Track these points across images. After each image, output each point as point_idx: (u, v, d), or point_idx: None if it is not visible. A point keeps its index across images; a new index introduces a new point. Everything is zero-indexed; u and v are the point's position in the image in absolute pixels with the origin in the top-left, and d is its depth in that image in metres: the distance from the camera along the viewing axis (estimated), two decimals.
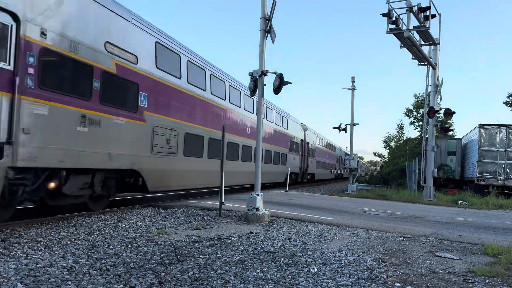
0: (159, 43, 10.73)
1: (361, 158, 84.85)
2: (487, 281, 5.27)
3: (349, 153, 27.06)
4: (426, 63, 21.14)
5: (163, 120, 10.76)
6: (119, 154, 9.12)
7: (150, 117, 10.18)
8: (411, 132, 57.31)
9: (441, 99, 22.14)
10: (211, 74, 13.62)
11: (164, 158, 10.82)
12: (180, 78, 11.70)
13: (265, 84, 10.20)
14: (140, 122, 9.81)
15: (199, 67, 12.96)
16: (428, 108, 21.11)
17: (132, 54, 9.52)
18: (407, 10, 17.66)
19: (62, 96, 7.46)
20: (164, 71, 10.86)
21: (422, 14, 18.12)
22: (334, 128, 25.35)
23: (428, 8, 18.13)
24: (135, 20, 9.80)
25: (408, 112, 34.14)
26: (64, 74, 7.59)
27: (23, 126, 6.60)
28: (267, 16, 9.94)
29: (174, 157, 11.22)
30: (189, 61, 12.33)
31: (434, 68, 21.10)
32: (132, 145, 9.57)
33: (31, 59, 6.78)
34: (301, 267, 5.57)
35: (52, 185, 7.72)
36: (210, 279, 4.78)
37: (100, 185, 9.09)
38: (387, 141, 38.88)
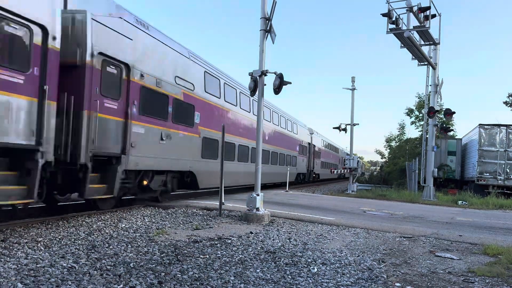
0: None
1: (361, 158, 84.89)
2: (487, 281, 5.27)
3: (349, 153, 27.06)
4: (426, 63, 21.15)
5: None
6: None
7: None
8: (413, 132, 57.37)
9: (441, 99, 22.16)
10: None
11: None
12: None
13: (265, 84, 10.21)
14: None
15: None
16: (428, 108, 21.12)
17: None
18: (407, 10, 17.67)
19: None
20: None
21: (422, 14, 18.13)
22: (334, 128, 25.38)
23: (428, 8, 18.14)
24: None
25: (409, 112, 34.14)
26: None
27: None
28: (267, 16, 9.94)
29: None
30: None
31: (434, 68, 21.11)
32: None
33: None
34: (301, 267, 5.58)
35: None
36: (210, 279, 4.78)
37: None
38: (388, 140, 38.89)
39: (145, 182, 10.45)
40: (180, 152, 11.76)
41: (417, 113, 33.22)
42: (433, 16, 18.87)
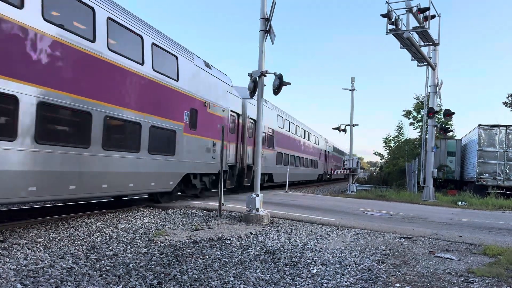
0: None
1: (361, 158, 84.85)
2: (487, 281, 5.27)
3: (348, 153, 27.06)
4: (425, 63, 21.15)
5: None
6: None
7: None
8: (412, 133, 57.35)
9: (440, 99, 22.17)
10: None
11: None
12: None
13: (264, 85, 10.21)
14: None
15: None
16: (427, 109, 21.13)
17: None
18: (406, 11, 17.67)
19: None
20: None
21: (422, 14, 18.13)
22: (333, 128, 25.45)
23: (428, 8, 18.13)
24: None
25: (407, 113, 34.13)
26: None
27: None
28: (266, 17, 9.94)
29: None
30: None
31: (433, 69, 21.11)
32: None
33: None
34: (301, 267, 5.57)
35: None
36: (209, 280, 4.77)
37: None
38: (387, 141, 38.85)
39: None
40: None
41: (415, 114, 33.20)
42: (433, 16, 18.87)
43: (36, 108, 6.73)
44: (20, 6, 6.51)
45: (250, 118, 16.67)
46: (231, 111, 15.04)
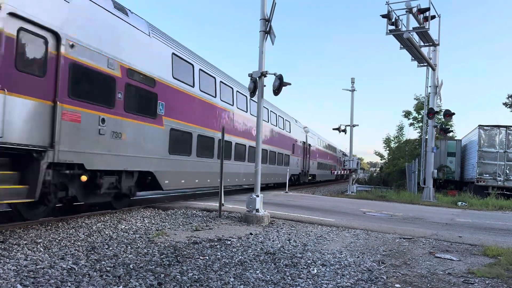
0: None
1: (361, 159, 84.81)
2: (487, 282, 5.27)
3: (349, 154, 27.07)
4: (425, 64, 21.16)
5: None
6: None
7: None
8: (412, 133, 57.29)
9: (440, 100, 22.16)
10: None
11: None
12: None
13: (264, 85, 10.21)
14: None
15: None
16: (427, 109, 21.13)
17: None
18: (406, 11, 17.69)
19: None
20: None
21: (422, 15, 18.15)
22: (334, 129, 25.42)
23: (428, 9, 18.15)
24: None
25: (407, 114, 34.14)
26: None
27: None
28: (266, 17, 9.94)
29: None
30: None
31: (433, 69, 21.12)
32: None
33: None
34: (301, 268, 5.57)
35: None
36: (210, 281, 4.77)
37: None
38: (387, 141, 38.85)
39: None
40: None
41: (415, 114, 33.21)
42: (433, 17, 18.89)
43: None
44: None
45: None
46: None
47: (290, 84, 9.96)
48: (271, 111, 21.29)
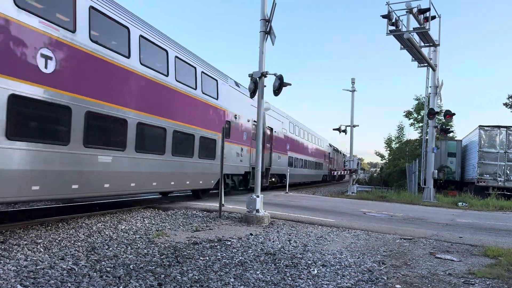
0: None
1: (361, 159, 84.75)
2: (488, 282, 5.26)
3: (349, 154, 27.05)
4: (426, 64, 21.15)
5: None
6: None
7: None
8: (412, 133, 57.26)
9: (441, 100, 22.15)
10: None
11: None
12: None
13: (265, 86, 10.20)
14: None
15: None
16: (428, 110, 21.11)
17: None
18: (407, 12, 17.69)
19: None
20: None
21: (422, 15, 18.15)
22: (334, 129, 25.40)
23: (428, 9, 18.15)
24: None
25: (408, 114, 34.12)
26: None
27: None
28: (267, 18, 9.94)
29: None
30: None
31: (434, 70, 21.11)
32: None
33: None
34: (301, 268, 5.57)
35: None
36: (210, 281, 4.77)
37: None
38: (388, 142, 38.80)
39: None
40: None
41: (415, 115, 33.20)
42: (433, 17, 18.89)
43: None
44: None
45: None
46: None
47: (290, 84, 9.96)
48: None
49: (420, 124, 31.37)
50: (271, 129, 20.67)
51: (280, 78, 9.86)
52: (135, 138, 9.54)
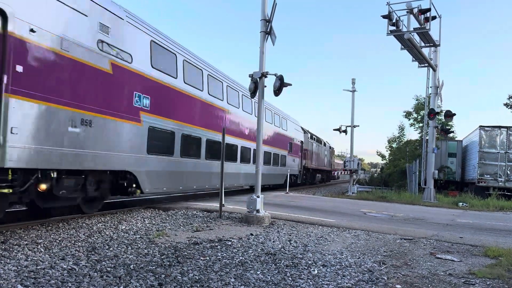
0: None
1: (362, 159, 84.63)
2: (488, 283, 5.26)
3: (349, 154, 27.04)
4: (426, 64, 21.14)
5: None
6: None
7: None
8: (412, 134, 57.16)
9: (441, 100, 22.14)
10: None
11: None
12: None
13: (265, 86, 10.21)
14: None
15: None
16: (428, 110, 21.11)
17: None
18: (407, 12, 17.68)
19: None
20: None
21: (423, 16, 18.14)
22: (334, 129, 25.36)
23: (429, 10, 18.14)
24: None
25: (407, 115, 34.10)
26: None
27: None
28: (267, 18, 9.95)
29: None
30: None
31: (434, 70, 21.10)
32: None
33: None
34: (302, 269, 5.57)
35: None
36: (210, 281, 4.77)
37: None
38: (390, 141, 38.75)
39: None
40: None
41: (415, 115, 33.18)
42: (434, 18, 18.88)
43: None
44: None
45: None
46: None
47: (290, 84, 9.96)
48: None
49: (420, 124, 31.36)
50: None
51: (280, 79, 9.87)
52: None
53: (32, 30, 6.67)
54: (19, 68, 6.45)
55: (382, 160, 43.43)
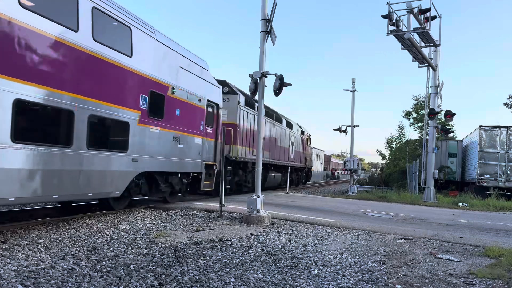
0: None
1: (362, 159, 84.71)
2: (488, 283, 5.26)
3: (349, 154, 27.05)
4: (426, 64, 21.14)
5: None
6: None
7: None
8: (412, 133, 57.12)
9: (441, 100, 22.14)
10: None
11: None
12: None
13: (265, 86, 10.21)
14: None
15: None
16: (428, 110, 21.10)
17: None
18: (407, 12, 17.66)
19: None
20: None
21: (423, 15, 18.13)
22: (334, 129, 25.36)
23: (429, 9, 18.13)
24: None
25: (407, 114, 34.10)
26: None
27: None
28: (267, 18, 9.94)
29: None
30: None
31: (434, 70, 21.10)
32: None
33: None
34: (302, 269, 5.57)
35: None
36: (210, 281, 4.77)
37: None
38: (389, 141, 38.72)
39: None
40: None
41: (415, 115, 33.18)
42: (434, 17, 18.87)
43: None
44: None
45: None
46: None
47: (291, 84, 9.97)
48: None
49: (420, 124, 31.35)
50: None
51: (280, 79, 9.87)
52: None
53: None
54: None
55: (382, 160, 43.38)
